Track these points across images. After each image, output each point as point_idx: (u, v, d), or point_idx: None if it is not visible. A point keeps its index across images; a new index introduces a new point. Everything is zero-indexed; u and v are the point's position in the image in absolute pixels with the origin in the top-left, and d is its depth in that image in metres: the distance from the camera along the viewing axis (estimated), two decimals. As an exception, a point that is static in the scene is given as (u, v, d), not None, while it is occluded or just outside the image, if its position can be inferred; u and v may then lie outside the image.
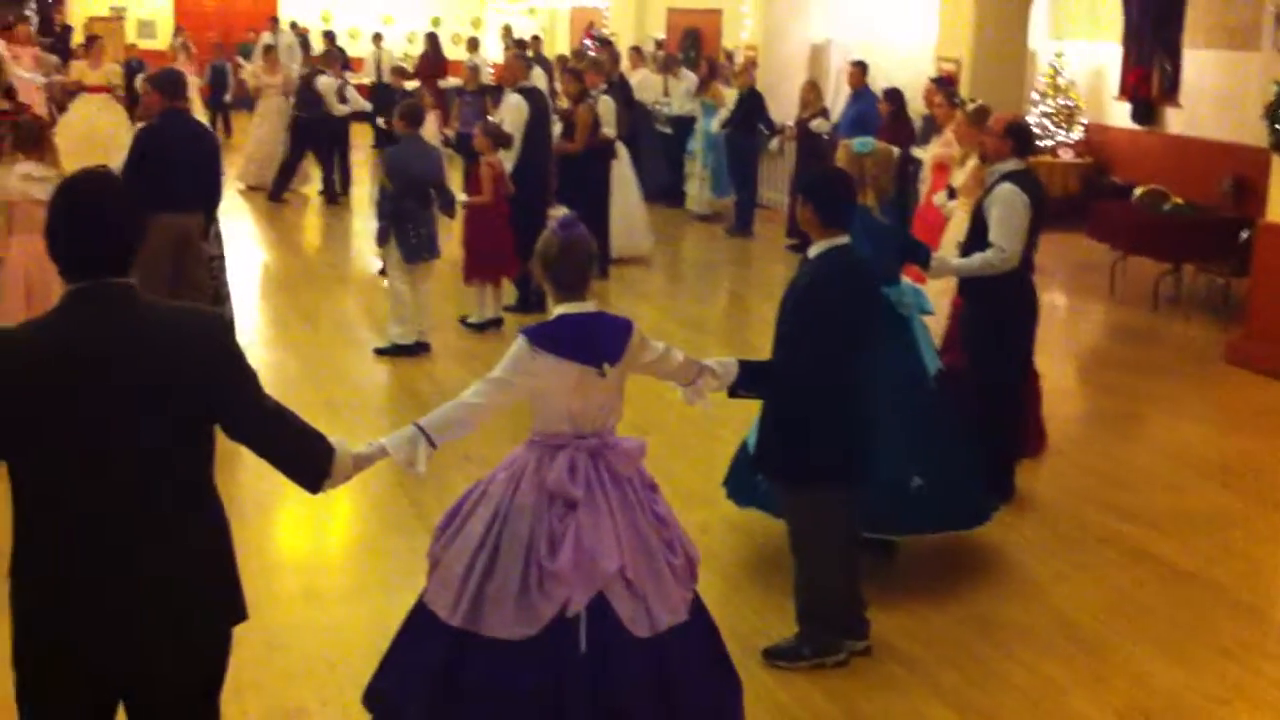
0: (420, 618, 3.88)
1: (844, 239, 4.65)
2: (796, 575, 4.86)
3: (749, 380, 4.42)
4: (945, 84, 10.67)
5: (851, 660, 4.90)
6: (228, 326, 3.01)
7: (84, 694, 2.96)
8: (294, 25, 22.03)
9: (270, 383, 3.62)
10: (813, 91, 13.77)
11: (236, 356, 3.00)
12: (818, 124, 13.39)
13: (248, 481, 6.03)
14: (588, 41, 18.99)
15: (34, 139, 7.12)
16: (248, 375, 3.02)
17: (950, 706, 4.69)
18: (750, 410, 4.77)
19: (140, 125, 8.15)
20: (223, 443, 3.03)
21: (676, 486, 3.97)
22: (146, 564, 2.87)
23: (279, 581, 5.48)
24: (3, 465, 2.88)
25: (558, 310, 3.86)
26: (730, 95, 14.50)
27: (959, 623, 5.31)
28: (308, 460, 3.19)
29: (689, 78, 15.77)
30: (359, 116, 15.61)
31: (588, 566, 3.67)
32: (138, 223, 2.97)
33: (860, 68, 13.24)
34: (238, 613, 3.10)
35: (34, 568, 2.89)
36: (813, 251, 4.68)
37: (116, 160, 7.57)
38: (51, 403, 2.80)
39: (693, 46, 18.81)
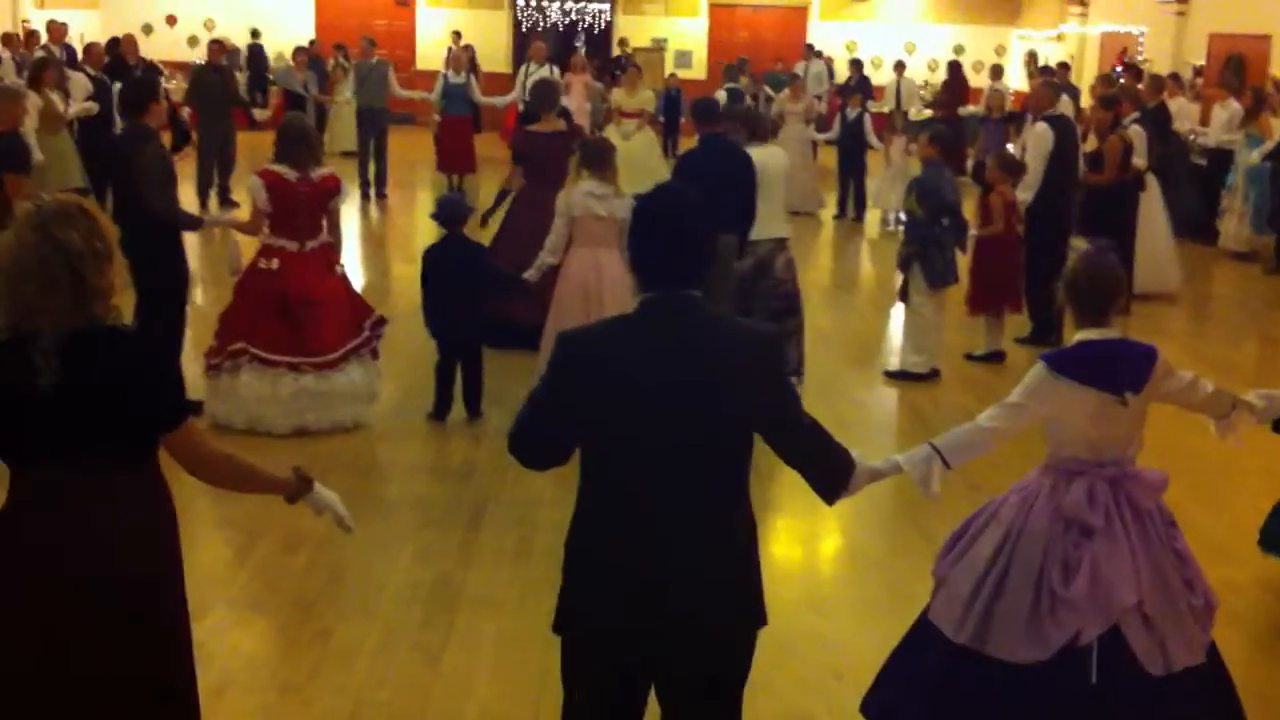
0: (923, 633, 3.90)
1: None
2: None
3: None
4: None
5: (1402, 747, 4.43)
6: (781, 347, 3.14)
7: (613, 674, 3.14)
8: (820, 54, 22.55)
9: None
10: (1373, 122, 12.53)
11: (784, 376, 3.16)
12: (1379, 156, 12.15)
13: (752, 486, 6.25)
14: (1119, 69, 18.20)
15: (599, 159, 7.31)
16: (792, 393, 3.18)
17: None
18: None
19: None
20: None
21: (1201, 537, 3.73)
22: (688, 557, 3.01)
23: (785, 588, 5.65)
24: None
25: (1079, 336, 3.78)
26: (1278, 126, 13.44)
27: None
28: (833, 473, 3.34)
29: (1232, 107, 14.75)
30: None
31: (1103, 598, 3.56)
32: (713, 239, 3.15)
33: None
34: (761, 615, 3.19)
35: (585, 546, 3.11)
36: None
37: (649, 182, 8.03)
38: (611, 398, 3.00)
39: (1236, 74, 17.55)
